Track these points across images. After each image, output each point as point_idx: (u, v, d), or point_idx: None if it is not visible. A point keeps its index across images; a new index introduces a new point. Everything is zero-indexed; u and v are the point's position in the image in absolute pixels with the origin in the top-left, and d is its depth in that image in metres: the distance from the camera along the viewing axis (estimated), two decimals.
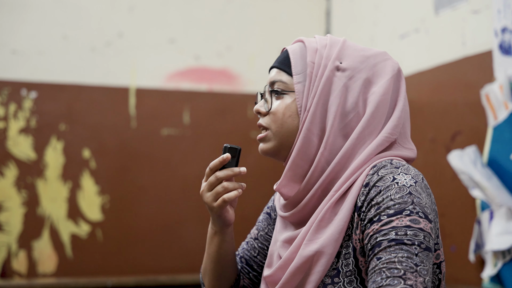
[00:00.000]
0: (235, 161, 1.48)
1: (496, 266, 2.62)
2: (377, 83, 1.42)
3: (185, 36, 4.26)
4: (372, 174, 1.34)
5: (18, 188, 3.84)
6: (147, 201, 4.09)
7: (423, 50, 3.32)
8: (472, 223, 2.80)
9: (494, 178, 2.64)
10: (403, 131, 1.44)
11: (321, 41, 1.47)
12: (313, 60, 1.44)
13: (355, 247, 1.33)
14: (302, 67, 1.45)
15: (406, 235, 1.23)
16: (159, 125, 4.15)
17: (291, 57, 1.48)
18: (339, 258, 1.35)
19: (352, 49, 1.46)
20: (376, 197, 1.30)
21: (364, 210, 1.32)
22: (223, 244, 1.57)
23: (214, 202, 1.47)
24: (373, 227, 1.27)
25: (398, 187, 1.29)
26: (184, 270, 4.04)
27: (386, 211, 1.27)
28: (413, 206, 1.27)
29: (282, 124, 1.45)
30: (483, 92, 2.72)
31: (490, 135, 2.71)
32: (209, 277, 1.63)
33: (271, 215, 1.69)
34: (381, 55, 1.47)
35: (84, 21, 4.08)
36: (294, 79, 1.45)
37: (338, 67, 1.42)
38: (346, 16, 4.29)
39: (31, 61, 3.94)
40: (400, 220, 1.25)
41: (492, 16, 2.72)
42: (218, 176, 1.46)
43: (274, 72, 1.51)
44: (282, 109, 1.45)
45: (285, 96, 1.46)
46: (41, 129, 3.92)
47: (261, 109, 1.50)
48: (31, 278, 3.81)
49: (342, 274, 1.34)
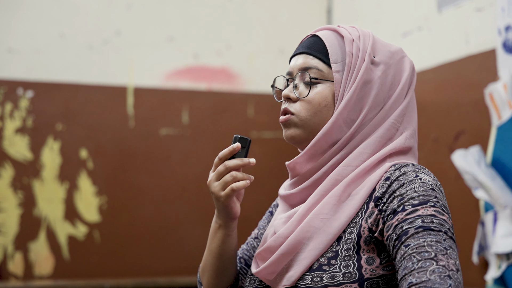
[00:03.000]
0: (244, 151, 1.48)
1: (500, 268, 2.61)
2: (399, 79, 1.48)
3: (184, 34, 4.27)
4: (394, 170, 1.37)
5: (14, 189, 3.85)
6: (145, 202, 4.09)
7: (425, 49, 3.32)
8: (476, 224, 2.80)
9: (498, 179, 2.64)
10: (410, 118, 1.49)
11: (353, 32, 1.48)
12: (351, 50, 1.45)
13: (361, 234, 1.34)
14: (340, 56, 1.46)
15: (433, 223, 1.26)
16: (157, 124, 4.16)
17: (328, 45, 1.46)
18: (339, 242, 1.36)
19: (380, 43, 1.49)
20: (399, 189, 1.32)
21: (385, 202, 1.33)
22: (227, 239, 1.54)
23: (221, 191, 1.46)
24: (398, 217, 1.29)
25: (422, 182, 1.33)
26: (182, 272, 4.04)
27: (411, 201, 1.29)
28: (436, 199, 1.31)
29: (316, 113, 1.45)
30: (486, 91, 2.72)
31: (494, 135, 2.71)
32: (209, 274, 1.60)
33: (272, 213, 1.69)
34: (400, 51, 1.51)
35: (81, 19, 4.08)
36: (332, 67, 1.45)
37: (372, 61, 1.45)
38: (347, 14, 4.30)
39: (28, 59, 3.95)
40: (425, 210, 1.28)
41: (496, 14, 2.71)
42: (228, 165, 1.45)
43: (302, 58, 1.50)
44: (319, 98, 1.45)
45: (319, 85, 1.46)
46: (37, 129, 3.92)
47: (291, 95, 1.49)
48: (28, 280, 3.82)
49: (340, 258, 1.34)
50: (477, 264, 2.77)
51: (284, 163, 1.51)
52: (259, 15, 4.42)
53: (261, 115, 4.32)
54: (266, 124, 4.31)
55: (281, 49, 4.37)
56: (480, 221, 2.75)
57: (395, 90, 1.46)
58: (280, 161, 1.71)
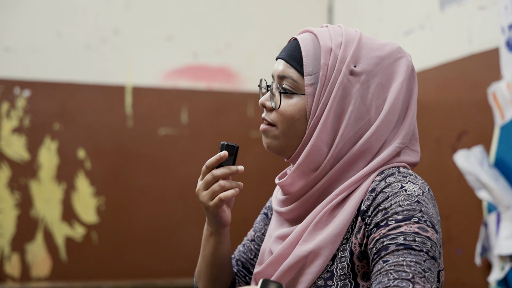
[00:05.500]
0: (232, 159, 1.46)
1: (503, 270, 2.61)
2: (390, 87, 1.40)
3: (183, 33, 4.26)
4: (379, 180, 1.34)
5: (11, 190, 3.84)
6: (143, 203, 4.09)
7: (428, 47, 3.32)
8: (479, 225, 2.79)
9: (501, 179, 2.64)
10: (413, 131, 1.44)
11: (335, 37, 1.41)
12: (327, 62, 1.39)
13: (353, 251, 1.33)
14: (315, 68, 1.40)
15: (415, 241, 1.23)
16: (156, 124, 4.15)
17: (304, 54, 1.41)
18: (334, 261, 1.34)
19: (367, 48, 1.41)
20: (384, 203, 1.30)
21: (369, 215, 1.31)
22: (219, 246, 1.55)
23: (210, 201, 1.45)
24: (380, 231, 1.27)
25: (407, 194, 1.29)
26: (181, 273, 4.03)
27: (394, 216, 1.27)
28: (421, 214, 1.27)
29: (290, 127, 1.42)
30: (489, 91, 2.71)
31: (497, 135, 2.70)
32: (204, 281, 1.60)
33: (268, 215, 1.68)
34: (395, 52, 1.42)
35: (79, 17, 4.08)
36: (305, 80, 1.40)
37: (352, 71, 1.38)
38: (348, 12, 4.29)
39: (25, 58, 3.94)
40: (408, 226, 1.25)
41: (499, 13, 2.70)
42: (215, 174, 1.44)
43: (282, 65, 1.45)
44: (291, 111, 1.41)
45: (294, 96, 1.42)
46: (34, 129, 3.92)
47: (267, 104, 1.47)
48: (24, 282, 3.81)
49: (336, 278, 1.33)
50: (480, 266, 2.77)
51: (283, 163, 1.50)
52: (259, 14, 4.42)
53: (261, 114, 4.28)
54: None
55: (281, 48, 4.33)
56: (483, 222, 2.74)
57: (386, 99, 1.38)
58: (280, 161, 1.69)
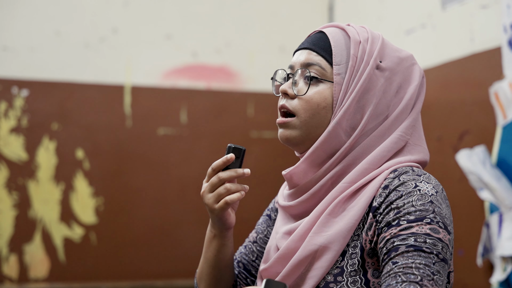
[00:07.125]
0: (239, 162, 1.46)
1: (506, 271, 2.60)
2: (407, 88, 1.44)
3: (182, 32, 4.26)
4: (393, 178, 1.34)
5: (9, 190, 3.84)
6: (142, 204, 4.09)
7: (429, 47, 3.32)
8: (480, 226, 2.78)
9: (503, 179, 2.63)
10: (418, 128, 1.47)
11: (361, 33, 1.45)
12: (356, 54, 1.42)
13: (363, 247, 1.33)
14: (343, 58, 1.42)
15: (425, 243, 1.23)
16: (155, 124, 4.15)
17: (333, 45, 1.43)
18: (344, 257, 1.34)
19: (389, 48, 1.46)
20: (397, 201, 1.30)
21: (381, 212, 1.31)
22: (222, 248, 1.55)
23: (215, 204, 1.45)
24: (391, 231, 1.27)
25: (420, 194, 1.30)
26: (181, 275, 4.04)
27: (407, 216, 1.27)
28: (434, 215, 1.27)
29: (314, 115, 1.41)
30: (492, 90, 2.71)
31: (499, 135, 2.70)
32: (206, 282, 1.60)
33: (271, 217, 1.68)
34: (410, 58, 1.48)
35: (77, 16, 4.08)
36: (334, 69, 1.41)
37: (378, 66, 1.42)
38: (349, 11, 4.29)
39: (22, 58, 3.95)
40: (420, 227, 1.25)
41: (501, 12, 2.69)
42: (221, 177, 1.44)
43: (306, 53, 1.46)
44: (318, 98, 1.41)
45: (321, 84, 1.42)
46: (32, 129, 3.92)
47: (289, 91, 1.45)
48: (23, 283, 3.82)
49: (346, 274, 1.33)
50: (482, 267, 2.76)
51: (284, 163, 1.48)
52: (259, 12, 4.42)
53: (261, 114, 4.32)
54: (266, 123, 4.31)
55: (282, 47, 4.37)
56: (485, 223, 2.74)
57: (402, 99, 1.43)
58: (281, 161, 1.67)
